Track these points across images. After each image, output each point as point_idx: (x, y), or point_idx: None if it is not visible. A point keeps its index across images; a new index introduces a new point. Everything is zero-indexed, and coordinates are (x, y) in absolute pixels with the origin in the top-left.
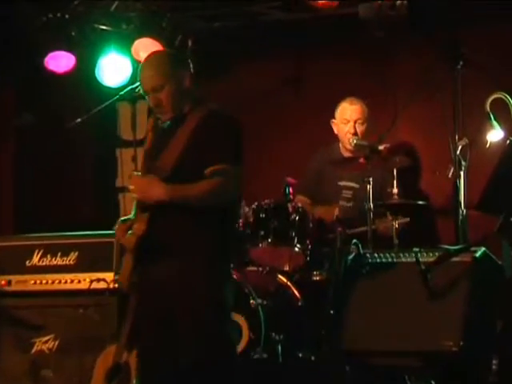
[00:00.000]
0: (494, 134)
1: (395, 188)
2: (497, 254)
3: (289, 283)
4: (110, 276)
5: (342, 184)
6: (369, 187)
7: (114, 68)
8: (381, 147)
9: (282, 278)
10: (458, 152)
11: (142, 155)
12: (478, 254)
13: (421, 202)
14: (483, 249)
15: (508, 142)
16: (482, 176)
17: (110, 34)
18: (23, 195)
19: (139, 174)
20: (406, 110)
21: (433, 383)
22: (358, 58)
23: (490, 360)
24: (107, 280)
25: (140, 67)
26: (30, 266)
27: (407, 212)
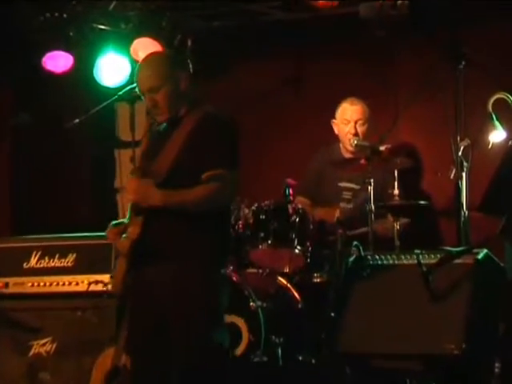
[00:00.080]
0: (497, 135)
1: (396, 189)
2: (499, 256)
3: (289, 285)
4: (108, 278)
5: (343, 185)
6: (370, 188)
7: (112, 68)
8: (382, 148)
9: (282, 280)
10: (459, 153)
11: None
12: (480, 256)
13: (422, 204)
14: (485, 251)
15: (510, 142)
16: (484, 177)
17: (109, 34)
18: (20, 196)
19: (135, 176)
20: (408, 111)
21: None
22: (359, 57)
23: (492, 363)
24: (105, 282)
25: (137, 67)
26: (28, 267)
27: (408, 213)
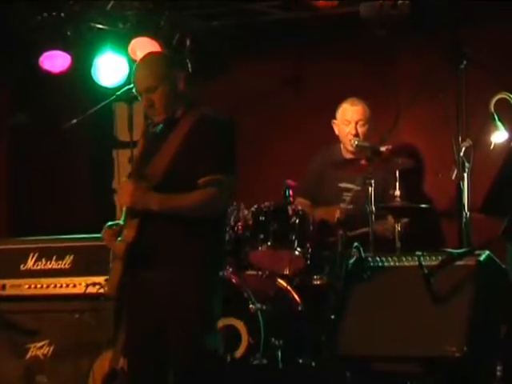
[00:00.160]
0: (499, 135)
1: (397, 190)
2: (501, 258)
3: (289, 287)
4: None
5: (343, 186)
6: (370, 189)
7: (110, 68)
8: (383, 148)
9: (282, 282)
10: (461, 153)
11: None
12: (482, 258)
13: (423, 205)
14: (487, 252)
15: None
16: (485, 178)
17: (107, 33)
18: (18, 196)
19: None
20: (408, 111)
21: None
22: (359, 57)
23: (494, 365)
24: (103, 284)
25: (135, 67)
26: (25, 269)
27: (410, 214)
